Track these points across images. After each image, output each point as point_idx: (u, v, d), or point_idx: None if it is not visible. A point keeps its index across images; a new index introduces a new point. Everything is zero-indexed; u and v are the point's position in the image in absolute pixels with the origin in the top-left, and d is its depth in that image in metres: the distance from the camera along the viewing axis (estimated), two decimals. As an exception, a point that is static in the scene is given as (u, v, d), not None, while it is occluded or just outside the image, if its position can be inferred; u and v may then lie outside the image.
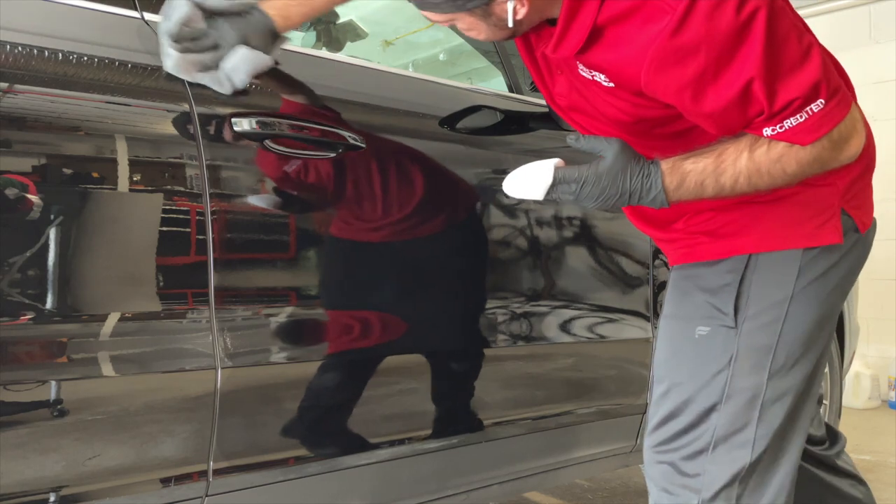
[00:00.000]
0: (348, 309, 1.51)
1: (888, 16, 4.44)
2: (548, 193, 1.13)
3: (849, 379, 4.42)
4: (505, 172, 1.20)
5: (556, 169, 1.12)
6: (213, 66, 1.28)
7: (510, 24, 1.12)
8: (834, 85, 1.06)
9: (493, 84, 2.08)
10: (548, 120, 1.82)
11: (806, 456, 1.46)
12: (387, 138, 1.59)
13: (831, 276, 1.26)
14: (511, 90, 2.01)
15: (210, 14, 1.27)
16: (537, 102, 1.89)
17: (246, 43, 1.28)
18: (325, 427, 1.50)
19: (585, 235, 1.94)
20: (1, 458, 1.10)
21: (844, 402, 2.90)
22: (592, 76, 1.15)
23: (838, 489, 1.52)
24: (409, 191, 1.62)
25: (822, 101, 1.04)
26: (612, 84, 1.14)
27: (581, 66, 1.16)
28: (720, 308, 1.25)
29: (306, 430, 1.46)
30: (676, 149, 1.14)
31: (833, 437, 1.58)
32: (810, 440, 1.49)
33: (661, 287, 2.08)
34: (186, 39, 1.25)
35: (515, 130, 1.85)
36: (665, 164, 1.12)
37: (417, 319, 1.60)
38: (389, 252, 1.57)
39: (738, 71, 1.03)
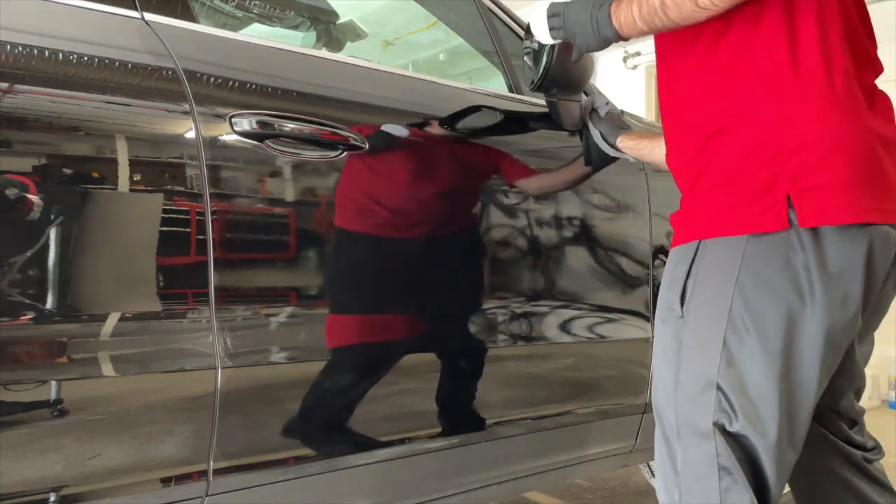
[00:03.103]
0: (348, 309, 1.51)
1: (888, 16, 4.44)
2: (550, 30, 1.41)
3: (849, 379, 4.42)
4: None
5: (550, 5, 1.40)
6: None
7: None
8: None
9: (493, 84, 2.08)
10: (548, 120, 1.82)
11: (846, 458, 1.42)
12: (387, 138, 1.59)
13: (783, 269, 1.16)
14: (511, 90, 2.01)
15: None
16: (537, 102, 1.89)
17: None
18: (324, 427, 1.50)
19: (585, 235, 1.94)
20: (1, 458, 1.10)
21: (844, 401, 2.89)
22: None
23: (865, 495, 1.49)
24: (409, 191, 1.62)
25: None
26: None
27: None
28: (671, 299, 1.25)
29: (306, 429, 1.46)
30: None
31: (877, 444, 1.56)
32: (862, 446, 1.46)
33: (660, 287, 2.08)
34: None
35: (515, 130, 1.85)
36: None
37: (416, 320, 1.60)
38: (389, 252, 1.57)
39: None
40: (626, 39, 1.31)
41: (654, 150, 1.64)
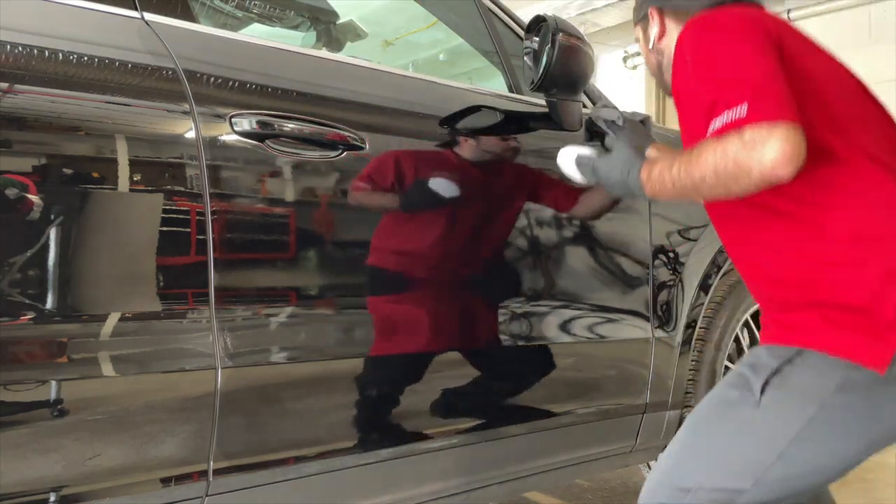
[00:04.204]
0: (348, 309, 1.51)
1: (888, 16, 4.44)
2: (580, 173, 1.47)
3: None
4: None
5: (579, 156, 1.46)
6: None
7: (650, 46, 1.49)
8: (764, 95, 1.14)
9: (493, 84, 2.08)
10: (548, 120, 1.82)
11: None
12: (387, 138, 1.59)
13: (873, 408, 1.19)
14: (511, 90, 2.01)
15: None
16: (537, 102, 1.89)
17: None
18: (324, 427, 1.50)
19: (586, 236, 1.94)
20: (1, 458, 1.10)
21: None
22: None
23: None
24: (409, 191, 1.62)
25: (745, 107, 1.14)
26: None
27: None
28: (753, 380, 1.25)
29: (306, 429, 1.46)
30: None
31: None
32: None
33: (660, 287, 2.08)
34: None
35: (515, 130, 1.85)
36: (646, 163, 1.35)
37: (416, 320, 1.60)
38: (388, 252, 1.57)
39: (685, 75, 1.27)
40: None
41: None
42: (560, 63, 1.69)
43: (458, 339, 1.68)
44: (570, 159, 1.47)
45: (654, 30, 1.49)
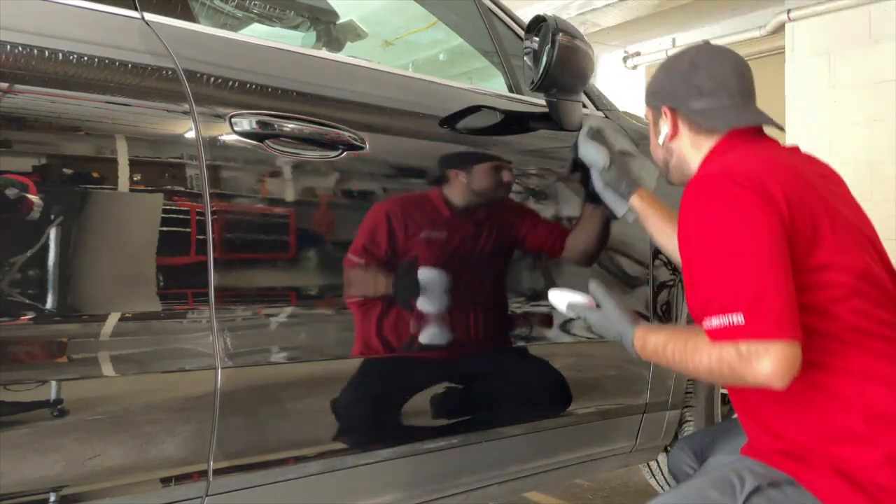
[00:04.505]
0: (348, 309, 1.51)
1: (888, 16, 4.44)
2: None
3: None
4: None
5: (569, 304, 1.59)
6: None
7: (660, 141, 1.51)
8: (761, 310, 1.18)
9: (493, 84, 2.08)
10: (548, 120, 1.82)
11: None
12: (387, 138, 1.59)
13: None
14: (511, 90, 2.01)
15: None
16: (537, 102, 1.89)
17: None
18: (324, 427, 1.50)
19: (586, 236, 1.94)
20: (1, 458, 1.10)
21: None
22: None
23: None
24: (409, 191, 1.62)
25: (741, 317, 1.18)
26: None
27: None
28: (737, 487, 1.28)
29: (306, 429, 1.46)
30: None
31: None
32: None
33: (660, 287, 2.08)
34: None
35: (515, 130, 1.85)
36: (639, 331, 1.43)
37: (415, 320, 1.60)
38: (388, 252, 1.57)
39: (689, 242, 1.29)
40: None
41: (663, 231, 1.73)
42: (560, 63, 1.69)
43: (457, 339, 1.68)
44: (561, 303, 1.60)
45: (665, 128, 1.49)
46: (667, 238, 1.72)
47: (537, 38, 1.75)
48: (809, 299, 1.23)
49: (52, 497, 1.16)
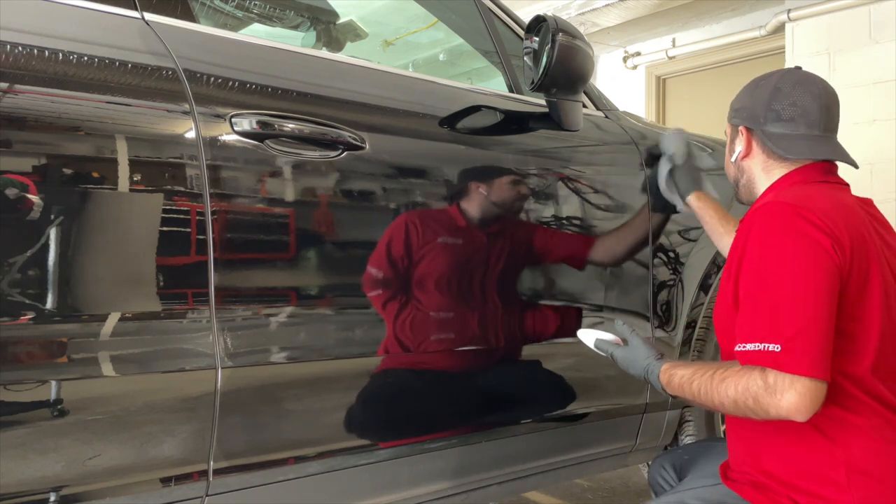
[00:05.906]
0: (347, 309, 1.51)
1: (888, 16, 4.44)
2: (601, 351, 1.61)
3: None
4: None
5: (597, 341, 1.62)
6: None
7: (732, 159, 1.52)
8: (803, 350, 1.20)
9: (493, 84, 2.08)
10: (548, 120, 1.82)
11: None
12: (387, 138, 1.59)
13: None
14: (511, 90, 2.01)
15: None
16: (537, 102, 1.89)
17: None
18: (324, 427, 1.50)
19: (586, 235, 1.94)
20: (1, 458, 1.10)
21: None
22: None
23: None
24: (409, 191, 1.62)
25: (778, 347, 1.21)
26: None
27: None
28: None
29: (306, 429, 1.46)
30: None
31: None
32: None
33: (660, 287, 2.08)
34: None
35: (515, 130, 1.85)
36: (665, 366, 1.44)
37: (415, 320, 1.60)
38: (388, 252, 1.57)
39: (736, 274, 1.32)
40: None
41: (716, 230, 1.86)
42: (560, 63, 1.69)
43: (457, 339, 1.68)
44: (589, 340, 1.63)
45: (739, 147, 1.50)
46: (718, 237, 1.87)
47: (537, 38, 1.75)
48: (841, 346, 1.26)
49: (52, 497, 1.16)
